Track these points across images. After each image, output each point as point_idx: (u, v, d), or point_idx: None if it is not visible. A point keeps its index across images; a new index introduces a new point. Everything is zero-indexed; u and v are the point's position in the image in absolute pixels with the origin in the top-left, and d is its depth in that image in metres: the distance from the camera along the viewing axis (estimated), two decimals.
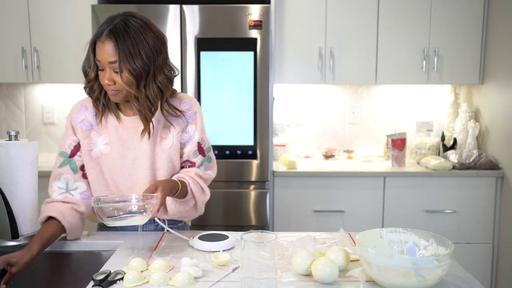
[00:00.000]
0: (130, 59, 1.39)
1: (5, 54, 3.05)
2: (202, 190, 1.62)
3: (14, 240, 1.49)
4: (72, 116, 1.57)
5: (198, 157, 1.62)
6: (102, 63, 1.42)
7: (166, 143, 1.56)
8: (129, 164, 1.56)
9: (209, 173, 1.65)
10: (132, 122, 1.55)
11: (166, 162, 1.57)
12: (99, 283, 1.22)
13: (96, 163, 1.56)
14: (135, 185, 1.57)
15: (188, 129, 1.60)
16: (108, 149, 1.55)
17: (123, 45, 1.38)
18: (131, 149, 1.55)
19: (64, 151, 1.57)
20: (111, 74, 1.42)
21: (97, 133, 1.55)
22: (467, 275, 1.31)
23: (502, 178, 2.89)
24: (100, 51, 1.41)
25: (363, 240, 1.29)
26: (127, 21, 1.42)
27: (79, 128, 1.56)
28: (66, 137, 1.58)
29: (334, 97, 3.41)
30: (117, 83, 1.42)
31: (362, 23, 3.04)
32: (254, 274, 1.12)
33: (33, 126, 3.43)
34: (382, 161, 3.23)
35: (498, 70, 2.95)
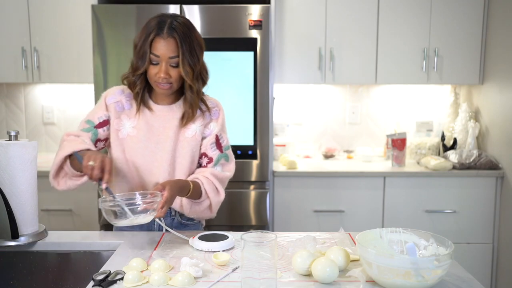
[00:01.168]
0: (189, 54, 1.53)
1: (5, 54, 3.05)
2: (217, 191, 1.65)
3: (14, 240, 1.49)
4: (108, 95, 1.67)
5: (215, 151, 1.68)
6: (161, 58, 1.53)
7: (189, 132, 1.65)
8: (152, 147, 1.63)
9: (226, 173, 1.69)
10: (162, 110, 1.65)
11: (187, 150, 1.64)
12: (99, 283, 1.22)
13: (121, 143, 1.64)
14: (154, 168, 1.63)
15: (210, 125, 1.69)
16: (135, 132, 1.64)
17: (185, 42, 1.52)
18: (156, 134, 1.64)
19: (92, 120, 1.64)
20: (167, 68, 1.54)
21: (127, 117, 1.65)
22: (467, 275, 1.31)
23: (502, 178, 2.89)
24: (161, 47, 1.52)
25: (363, 240, 1.29)
26: (179, 20, 1.56)
27: (112, 108, 1.65)
28: (98, 110, 1.66)
29: (334, 97, 3.41)
30: (172, 77, 1.55)
31: (362, 23, 3.04)
32: (254, 274, 1.12)
33: (33, 126, 3.43)
34: (382, 161, 3.23)
35: (498, 70, 2.95)
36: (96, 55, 2.74)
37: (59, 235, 1.62)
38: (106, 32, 2.72)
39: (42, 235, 1.57)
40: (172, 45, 1.52)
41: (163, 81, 1.55)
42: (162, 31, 1.52)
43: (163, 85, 1.56)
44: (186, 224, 1.73)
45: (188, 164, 1.66)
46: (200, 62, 1.59)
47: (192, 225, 1.75)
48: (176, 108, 1.66)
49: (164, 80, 1.54)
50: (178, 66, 1.54)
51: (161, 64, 1.53)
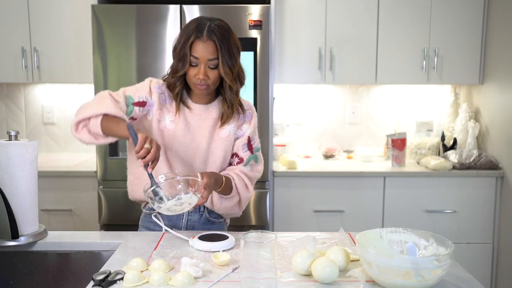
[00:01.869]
0: (228, 56, 1.57)
1: (5, 54, 3.05)
2: (246, 187, 1.70)
3: (14, 240, 1.49)
4: (153, 83, 1.69)
5: (246, 152, 1.73)
6: (200, 59, 1.56)
7: (224, 132, 1.69)
8: (188, 142, 1.67)
9: (255, 173, 1.75)
10: (200, 109, 1.68)
11: (220, 149, 1.69)
12: (99, 283, 1.22)
13: (161, 134, 1.67)
14: (185, 164, 1.68)
15: (243, 127, 1.73)
16: (173, 126, 1.66)
17: (223, 44, 1.56)
18: (192, 132, 1.67)
19: (132, 96, 1.64)
20: (206, 69, 1.57)
21: (168, 110, 1.68)
22: (467, 275, 1.31)
23: (502, 178, 2.89)
24: (200, 49, 1.56)
25: (363, 240, 1.29)
26: (218, 23, 1.59)
27: (156, 97, 1.66)
28: (140, 89, 1.66)
29: (334, 97, 3.41)
30: (210, 78, 1.58)
31: (362, 23, 3.04)
32: (254, 274, 1.12)
33: (33, 126, 3.43)
34: (382, 161, 3.23)
35: (498, 70, 2.95)
36: (96, 55, 2.74)
37: (59, 235, 1.62)
38: (106, 32, 2.72)
39: (42, 235, 1.57)
40: (211, 47, 1.56)
41: (201, 82, 1.58)
42: (201, 34, 1.55)
43: (201, 86, 1.59)
44: (212, 221, 1.75)
45: (220, 163, 1.70)
46: (238, 64, 1.63)
47: (218, 223, 1.78)
48: (212, 108, 1.69)
49: (202, 81, 1.58)
50: (216, 68, 1.58)
51: (200, 66, 1.57)
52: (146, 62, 2.75)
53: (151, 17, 2.73)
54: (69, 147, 3.43)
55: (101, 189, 2.80)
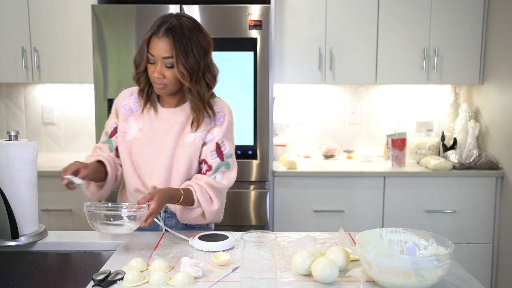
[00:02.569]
0: (184, 56, 1.52)
1: (5, 54, 3.05)
2: (210, 200, 1.61)
3: (14, 240, 1.49)
4: (118, 100, 1.73)
5: (215, 159, 1.63)
6: (155, 57, 1.53)
7: (189, 138, 1.63)
8: (153, 151, 1.64)
9: (224, 182, 1.64)
10: (167, 113, 1.65)
11: (184, 156, 1.63)
12: (99, 283, 1.22)
13: (128, 144, 1.67)
14: (154, 172, 1.64)
15: (213, 131, 1.65)
16: (140, 135, 1.66)
17: (179, 43, 1.51)
18: (159, 138, 1.64)
19: (107, 131, 1.73)
20: (162, 68, 1.54)
21: (135, 118, 1.68)
22: (467, 275, 1.31)
23: (502, 178, 2.89)
24: (156, 46, 1.53)
25: (363, 240, 1.29)
26: (181, 21, 1.55)
27: (120, 111, 1.69)
28: (110, 118, 1.74)
29: (334, 97, 3.41)
30: (166, 77, 1.55)
31: (362, 23, 3.04)
32: (254, 274, 1.12)
33: (33, 126, 3.43)
34: (382, 161, 3.23)
35: (498, 70, 2.95)
36: (96, 55, 2.74)
37: (59, 235, 1.62)
38: (106, 32, 2.73)
39: (42, 235, 1.57)
40: (166, 45, 1.52)
41: (158, 81, 1.55)
42: (158, 30, 1.52)
43: (158, 85, 1.56)
44: (192, 226, 1.72)
45: (185, 170, 1.63)
46: (202, 65, 1.56)
47: (198, 227, 1.73)
48: (179, 112, 1.64)
49: (158, 80, 1.55)
50: (173, 67, 1.53)
51: (156, 64, 1.54)
52: None
53: (151, 17, 2.70)
54: (69, 147, 3.43)
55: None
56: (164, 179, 1.63)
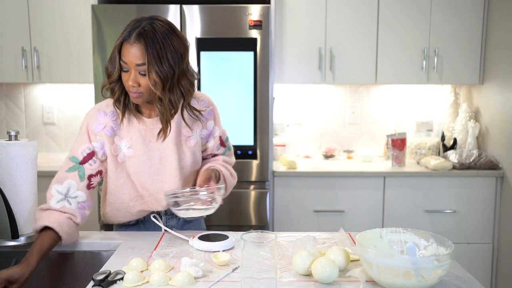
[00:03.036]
0: (158, 62, 1.40)
1: (5, 54, 3.05)
2: (231, 174, 1.74)
3: (14, 240, 1.49)
4: (90, 123, 1.54)
5: (220, 149, 1.76)
6: (128, 65, 1.43)
7: (191, 142, 1.63)
8: (156, 164, 1.58)
9: (232, 159, 1.81)
10: (153, 123, 1.56)
11: (191, 159, 1.64)
12: (99, 283, 1.22)
13: (123, 167, 1.58)
14: (164, 184, 1.60)
15: (208, 125, 1.67)
16: (132, 152, 1.56)
17: (152, 48, 1.40)
18: (156, 150, 1.57)
19: (75, 156, 1.54)
20: (136, 76, 1.43)
21: (119, 138, 1.56)
22: (467, 275, 1.31)
23: (502, 178, 2.89)
24: (128, 53, 1.42)
25: (363, 240, 1.29)
26: (154, 25, 1.43)
27: (102, 135, 1.53)
28: (80, 143, 1.55)
29: (334, 97, 3.41)
30: (141, 85, 1.44)
31: (362, 23, 3.04)
32: (254, 274, 1.12)
33: (33, 126, 3.43)
34: (382, 161, 3.23)
35: (498, 70, 2.95)
36: (96, 55, 2.74)
37: None
38: (106, 32, 2.72)
39: None
40: (139, 51, 1.40)
41: (133, 89, 1.44)
42: (130, 36, 1.41)
43: (133, 93, 1.45)
44: (190, 221, 1.76)
45: (193, 169, 1.67)
46: (177, 71, 1.45)
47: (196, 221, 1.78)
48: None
49: (133, 88, 1.44)
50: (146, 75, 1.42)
51: (130, 71, 1.43)
52: None
53: None
54: (69, 147, 3.40)
55: (101, 189, 2.80)
56: (180, 185, 1.62)
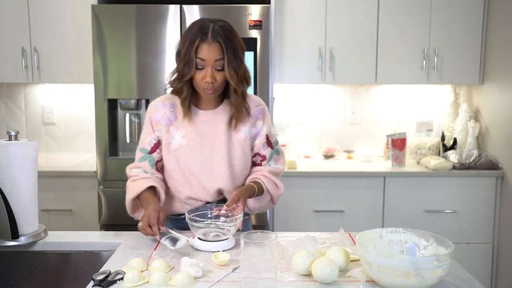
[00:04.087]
0: (233, 57, 1.56)
1: (5, 54, 3.05)
2: (276, 186, 1.75)
3: (14, 240, 1.49)
4: (151, 114, 1.70)
5: (267, 149, 1.76)
6: (206, 61, 1.55)
7: (241, 135, 1.69)
8: (207, 153, 1.66)
9: (279, 167, 1.78)
10: (208, 115, 1.67)
11: (241, 152, 1.69)
12: (99, 283, 1.22)
13: (174, 155, 1.67)
14: (213, 172, 1.67)
15: (257, 124, 1.73)
16: (185, 141, 1.66)
17: (228, 44, 1.55)
18: (208, 140, 1.67)
19: (144, 147, 1.70)
20: (213, 72, 1.56)
21: (175, 127, 1.67)
22: (467, 275, 1.31)
23: (502, 178, 2.89)
24: (206, 51, 1.54)
25: (363, 240, 1.29)
26: (223, 25, 1.58)
27: (161, 124, 1.68)
28: (146, 134, 1.71)
29: (334, 97, 3.41)
30: (217, 80, 1.57)
31: (362, 23, 3.04)
32: (254, 274, 1.12)
33: (33, 126, 3.43)
34: (382, 161, 3.23)
35: (498, 70, 2.95)
36: (96, 55, 2.74)
37: (59, 235, 1.62)
38: (106, 32, 2.72)
39: (42, 235, 1.57)
40: (217, 49, 1.54)
41: (209, 86, 1.57)
42: (206, 36, 1.54)
43: (208, 90, 1.58)
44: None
45: (244, 165, 1.71)
46: (243, 65, 1.61)
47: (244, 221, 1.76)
48: (221, 111, 1.68)
49: (210, 85, 1.56)
50: (223, 70, 1.56)
51: (207, 69, 1.55)
52: (146, 62, 2.75)
53: (151, 17, 2.73)
54: (69, 147, 3.43)
55: (101, 189, 2.80)
56: (228, 177, 1.66)
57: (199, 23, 1.58)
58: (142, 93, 2.77)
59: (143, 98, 2.78)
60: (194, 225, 1.48)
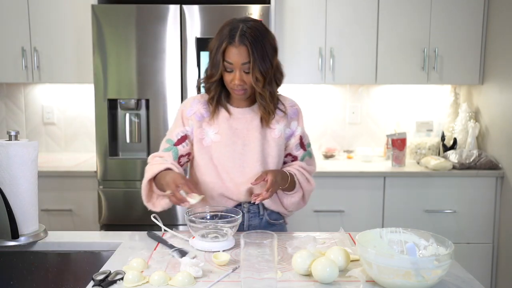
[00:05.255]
0: (261, 61, 1.55)
1: (5, 54, 3.05)
2: (308, 181, 1.72)
3: (14, 240, 1.49)
4: (184, 109, 1.71)
5: (299, 150, 1.75)
6: (234, 65, 1.55)
7: (276, 133, 1.69)
8: (239, 149, 1.66)
9: (311, 168, 1.78)
10: (242, 113, 1.67)
11: (275, 149, 1.68)
12: (99, 283, 1.22)
13: (207, 150, 1.67)
14: (244, 168, 1.66)
15: (291, 125, 1.73)
16: (218, 137, 1.66)
17: (255, 48, 1.53)
18: (241, 137, 1.67)
19: (171, 138, 1.69)
20: (241, 74, 1.56)
21: (208, 124, 1.68)
22: (467, 275, 1.31)
23: (502, 178, 2.89)
24: (233, 55, 1.54)
25: (363, 240, 1.29)
26: (251, 25, 1.56)
27: (193, 119, 1.68)
28: (175, 127, 1.71)
29: (334, 97, 3.41)
30: (247, 83, 1.57)
31: (362, 23, 3.04)
32: (254, 274, 1.12)
33: (33, 126, 3.43)
34: (382, 161, 3.23)
35: (498, 70, 2.95)
36: (96, 55, 2.74)
37: (59, 235, 1.62)
38: (106, 32, 2.72)
39: (42, 235, 1.57)
40: (244, 52, 1.53)
41: (238, 87, 1.57)
42: (233, 39, 1.53)
43: (238, 91, 1.59)
44: (272, 223, 1.76)
45: (276, 163, 1.69)
46: (274, 66, 1.60)
47: (278, 224, 1.78)
48: (256, 109, 1.68)
49: (239, 87, 1.57)
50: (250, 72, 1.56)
51: (235, 72, 1.56)
52: (146, 62, 2.75)
53: (151, 17, 2.73)
54: (69, 147, 3.43)
55: (101, 189, 2.80)
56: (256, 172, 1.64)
57: (229, 23, 1.58)
58: (142, 93, 2.77)
59: (143, 98, 2.78)
60: (193, 226, 1.48)
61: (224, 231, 1.50)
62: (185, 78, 2.76)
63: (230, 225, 1.49)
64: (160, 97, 2.77)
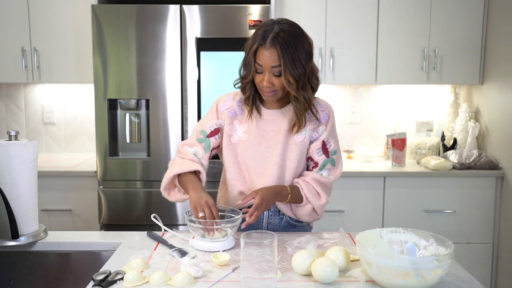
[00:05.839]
0: (292, 65, 1.51)
1: (5, 54, 3.05)
2: (318, 195, 1.68)
3: (14, 240, 1.49)
4: (220, 103, 1.72)
5: (321, 156, 1.69)
6: (263, 67, 1.54)
7: (299, 137, 1.66)
8: (263, 151, 1.66)
9: (330, 178, 1.70)
10: (272, 114, 1.67)
11: (295, 154, 1.66)
12: (99, 283, 1.22)
13: (233, 148, 1.68)
14: (264, 170, 1.66)
15: (319, 129, 1.69)
16: (246, 136, 1.67)
17: (286, 52, 1.50)
18: (267, 138, 1.67)
19: (205, 130, 1.70)
20: (270, 77, 1.54)
21: (239, 122, 1.69)
22: (467, 275, 1.31)
23: (502, 178, 2.89)
24: (263, 57, 1.53)
25: (363, 240, 1.29)
26: (285, 28, 1.53)
27: (225, 114, 1.69)
28: (209, 118, 1.71)
29: (334, 97, 3.41)
30: (275, 85, 1.55)
31: (362, 23, 3.04)
32: (254, 274, 1.12)
33: (33, 126, 3.43)
34: (382, 161, 3.23)
35: (498, 70, 2.95)
36: (96, 55, 2.74)
37: (59, 235, 1.62)
38: (106, 32, 2.72)
39: (42, 235, 1.57)
40: (274, 55, 1.51)
41: (267, 89, 1.56)
42: (265, 41, 1.51)
43: (268, 93, 1.58)
44: (294, 225, 1.74)
45: (295, 167, 1.67)
46: (307, 70, 1.56)
47: (301, 227, 1.76)
48: (286, 112, 1.66)
49: (267, 88, 1.56)
50: (281, 75, 1.53)
51: (264, 73, 1.55)
52: (146, 62, 2.75)
53: (151, 17, 2.73)
54: (69, 147, 3.43)
55: (101, 189, 2.80)
56: (276, 177, 1.65)
57: (265, 24, 1.56)
58: (142, 93, 2.77)
59: (143, 98, 2.78)
60: (193, 225, 1.48)
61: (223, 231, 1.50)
62: (185, 78, 2.76)
63: (230, 225, 1.49)
64: (160, 97, 2.77)
